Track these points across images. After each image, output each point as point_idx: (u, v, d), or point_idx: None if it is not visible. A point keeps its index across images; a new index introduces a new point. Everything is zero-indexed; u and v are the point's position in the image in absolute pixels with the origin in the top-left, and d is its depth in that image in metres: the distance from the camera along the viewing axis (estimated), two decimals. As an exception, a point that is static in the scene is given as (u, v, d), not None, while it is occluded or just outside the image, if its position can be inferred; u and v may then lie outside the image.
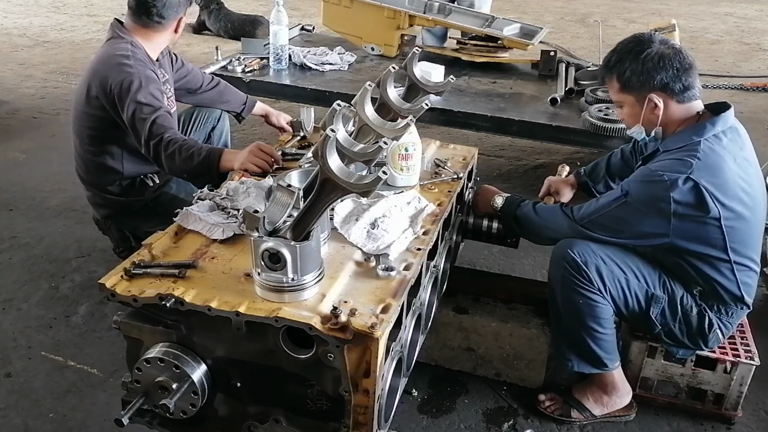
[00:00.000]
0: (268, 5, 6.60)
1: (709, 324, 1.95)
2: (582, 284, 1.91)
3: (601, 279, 1.90)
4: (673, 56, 1.86)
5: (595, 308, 1.93)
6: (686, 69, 1.86)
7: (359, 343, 1.37)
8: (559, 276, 1.96)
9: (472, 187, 2.40)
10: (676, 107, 1.90)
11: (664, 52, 1.86)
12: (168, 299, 1.41)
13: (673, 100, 1.88)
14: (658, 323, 1.97)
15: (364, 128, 1.69)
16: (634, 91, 1.91)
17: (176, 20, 2.47)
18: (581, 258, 1.90)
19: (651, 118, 1.92)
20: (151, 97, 2.31)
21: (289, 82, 3.63)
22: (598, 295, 1.92)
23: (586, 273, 1.90)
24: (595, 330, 1.96)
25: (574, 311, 1.95)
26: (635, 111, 1.94)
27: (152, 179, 2.59)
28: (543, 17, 7.76)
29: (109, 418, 1.99)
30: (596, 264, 1.90)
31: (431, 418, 2.13)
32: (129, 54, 2.36)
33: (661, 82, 1.86)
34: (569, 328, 2.01)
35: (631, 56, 1.89)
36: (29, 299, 2.63)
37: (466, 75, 3.83)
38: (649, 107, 1.90)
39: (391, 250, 1.63)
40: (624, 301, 1.94)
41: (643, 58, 1.86)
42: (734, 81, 5.55)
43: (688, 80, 1.87)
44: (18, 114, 4.58)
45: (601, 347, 1.99)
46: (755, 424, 2.16)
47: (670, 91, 1.87)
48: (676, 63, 1.85)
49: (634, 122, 1.97)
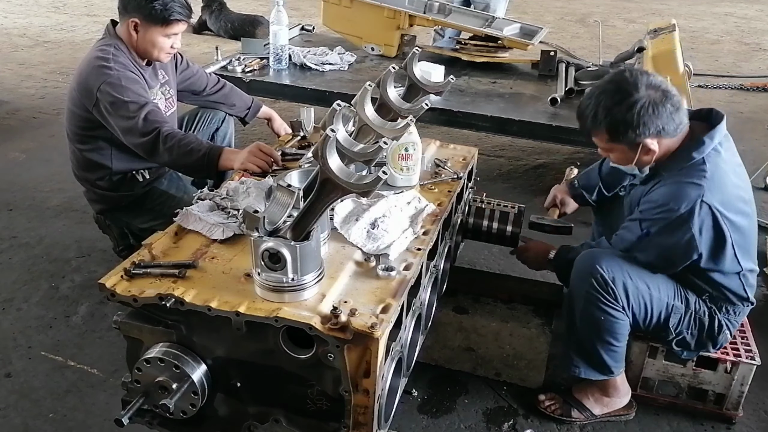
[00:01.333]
0: (268, 5, 6.60)
1: (719, 326, 1.97)
2: (607, 301, 1.89)
3: (626, 296, 1.89)
4: (665, 100, 1.78)
5: (615, 324, 1.93)
6: (677, 108, 1.81)
7: (359, 343, 1.37)
8: (583, 290, 1.92)
9: (472, 187, 2.40)
10: (670, 142, 1.86)
11: (654, 99, 1.77)
12: (168, 299, 1.40)
13: (666, 139, 1.84)
14: (674, 332, 1.97)
15: (364, 128, 1.69)
16: (626, 143, 1.84)
17: (126, 22, 2.39)
18: (609, 275, 1.87)
19: (645, 159, 1.88)
20: (135, 95, 2.31)
21: (289, 82, 3.63)
22: (621, 312, 1.91)
23: (613, 290, 1.88)
24: (610, 344, 1.96)
25: (593, 325, 1.94)
26: (628, 156, 1.88)
27: (142, 175, 2.59)
28: (543, 17, 7.76)
29: (109, 418, 1.99)
30: (623, 281, 1.88)
31: (431, 418, 2.13)
32: (110, 57, 2.35)
33: (656, 130, 1.80)
34: (583, 339, 1.99)
35: (620, 108, 1.79)
36: (29, 299, 2.63)
37: (466, 75, 3.83)
38: (643, 151, 1.85)
39: (391, 250, 1.63)
40: (644, 317, 1.94)
41: (637, 111, 1.77)
42: (734, 81, 5.55)
43: (680, 117, 1.82)
44: (18, 114, 4.58)
45: (613, 358, 2.00)
46: (756, 424, 2.16)
47: (665, 134, 1.82)
48: (669, 106, 1.79)
49: (624, 164, 1.93)
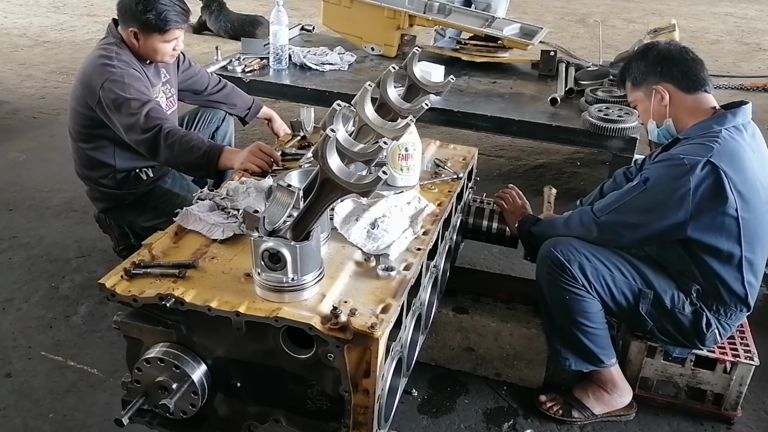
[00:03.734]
0: (268, 5, 6.60)
1: (707, 323, 1.95)
2: (566, 281, 1.93)
3: (584, 276, 1.92)
4: (674, 50, 1.98)
5: (581, 303, 1.95)
6: (686, 60, 1.96)
7: (359, 343, 1.37)
8: (544, 274, 1.98)
9: (472, 187, 2.40)
10: (684, 97, 1.95)
11: (665, 47, 2.00)
12: (168, 299, 1.41)
13: (678, 90, 1.95)
14: (649, 319, 1.98)
15: (364, 128, 1.69)
16: (642, 86, 2.01)
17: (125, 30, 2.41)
18: (564, 256, 1.93)
19: (660, 109, 1.99)
20: (137, 92, 2.32)
21: (289, 82, 3.63)
22: (583, 291, 1.94)
23: (569, 270, 1.92)
24: (584, 325, 1.97)
25: (563, 307, 1.97)
26: (646, 106, 2.02)
27: (146, 173, 2.60)
28: (543, 17, 7.76)
29: (109, 418, 1.99)
30: (579, 261, 1.92)
31: (431, 418, 2.13)
32: (113, 55, 2.37)
33: (661, 73, 1.96)
34: (561, 325, 2.02)
35: (637, 56, 2.05)
36: (29, 299, 2.63)
37: (466, 75, 3.83)
38: (656, 99, 1.98)
39: (391, 250, 1.63)
40: (611, 297, 1.96)
41: (653, 54, 1.99)
42: (734, 81, 5.56)
43: (688, 68, 1.95)
44: (18, 114, 4.58)
45: (594, 342, 2.00)
46: (755, 424, 2.16)
47: (671, 79, 1.94)
48: (676, 54, 1.96)
49: (647, 118, 2.05)
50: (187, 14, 2.43)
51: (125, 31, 2.41)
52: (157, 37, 2.38)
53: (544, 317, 2.13)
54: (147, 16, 2.33)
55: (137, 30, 2.38)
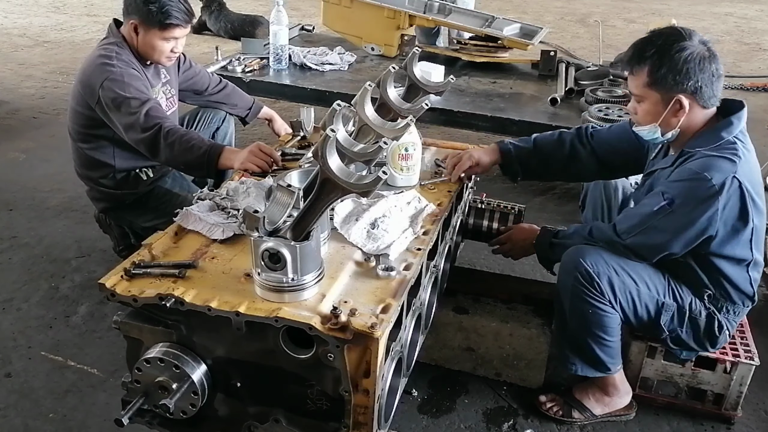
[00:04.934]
0: (268, 5, 6.60)
1: (719, 326, 1.95)
2: (593, 295, 1.88)
3: (612, 291, 1.88)
4: (712, 61, 1.75)
5: (603, 318, 1.92)
6: (719, 77, 1.77)
7: (359, 343, 1.37)
8: (569, 285, 1.92)
9: (472, 187, 2.40)
10: (699, 112, 1.81)
11: (704, 54, 1.74)
12: (168, 299, 1.41)
13: (698, 105, 1.79)
14: (666, 329, 1.96)
15: (364, 128, 1.69)
16: (663, 90, 1.78)
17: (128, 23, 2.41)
18: (594, 269, 1.86)
19: (671, 120, 1.81)
20: (137, 92, 2.32)
21: (289, 82, 3.64)
22: (608, 306, 1.90)
23: (598, 285, 1.87)
24: (602, 338, 1.95)
25: (582, 319, 1.94)
26: (656, 110, 1.81)
27: (146, 173, 2.60)
28: (543, 17, 7.76)
29: (109, 418, 1.99)
30: (608, 275, 1.87)
31: (431, 418, 2.13)
32: (113, 55, 2.37)
33: (694, 86, 1.75)
34: (575, 335, 1.99)
35: (670, 49, 1.74)
36: (29, 299, 2.63)
37: (466, 75, 3.83)
38: (673, 108, 1.79)
39: (391, 250, 1.63)
40: (633, 311, 1.93)
41: (685, 56, 1.73)
42: (734, 81, 5.55)
43: (717, 88, 1.78)
44: (18, 114, 4.58)
45: (607, 353, 1.99)
46: (755, 424, 2.16)
47: (699, 97, 1.77)
48: (713, 68, 1.75)
49: (650, 121, 1.84)
50: (189, 16, 2.42)
51: (127, 25, 2.41)
52: (157, 33, 2.38)
53: (556, 322, 2.09)
54: (149, 7, 2.33)
55: (138, 23, 2.38)
